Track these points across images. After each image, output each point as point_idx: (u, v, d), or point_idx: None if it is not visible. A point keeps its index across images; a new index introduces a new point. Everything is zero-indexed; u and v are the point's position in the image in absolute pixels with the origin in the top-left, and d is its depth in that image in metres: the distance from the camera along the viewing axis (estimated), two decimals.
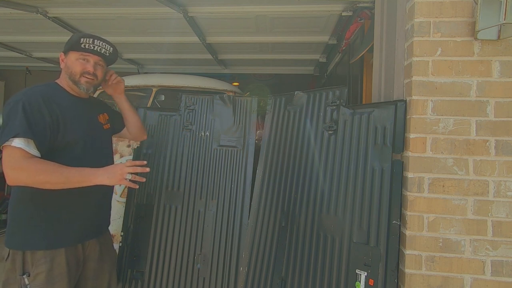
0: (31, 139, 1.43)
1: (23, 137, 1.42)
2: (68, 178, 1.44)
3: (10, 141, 1.41)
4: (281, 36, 3.94)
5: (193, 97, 2.56)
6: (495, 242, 1.66)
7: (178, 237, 2.30)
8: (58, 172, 1.43)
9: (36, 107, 1.49)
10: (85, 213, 1.66)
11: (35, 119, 1.47)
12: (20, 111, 1.44)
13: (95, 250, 1.72)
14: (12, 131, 1.41)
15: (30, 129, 1.44)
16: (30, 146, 1.43)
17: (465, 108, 1.69)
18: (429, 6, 1.71)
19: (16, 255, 1.52)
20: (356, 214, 1.87)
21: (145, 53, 4.98)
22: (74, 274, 1.61)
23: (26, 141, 1.42)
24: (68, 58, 1.68)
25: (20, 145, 1.41)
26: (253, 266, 2.16)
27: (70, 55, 1.67)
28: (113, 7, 3.12)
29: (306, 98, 2.25)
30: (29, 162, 1.41)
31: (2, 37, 4.25)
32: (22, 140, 1.42)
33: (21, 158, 1.41)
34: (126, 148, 2.93)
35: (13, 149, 1.41)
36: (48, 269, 1.51)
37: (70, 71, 1.66)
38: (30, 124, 1.44)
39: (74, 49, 1.66)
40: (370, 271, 1.77)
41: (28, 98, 1.50)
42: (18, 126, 1.42)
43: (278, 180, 2.24)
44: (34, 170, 1.40)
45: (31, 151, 1.43)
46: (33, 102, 1.49)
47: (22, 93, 1.52)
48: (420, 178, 1.71)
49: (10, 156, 1.41)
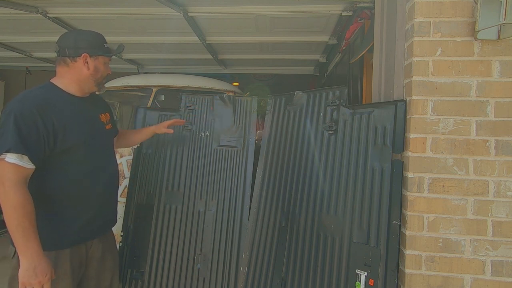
0: (24, 154, 1.41)
1: (15, 152, 1.39)
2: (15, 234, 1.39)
3: (4, 155, 1.39)
4: (281, 36, 3.94)
5: (193, 97, 2.56)
6: (495, 242, 1.66)
7: (178, 237, 2.30)
8: (17, 221, 1.38)
9: (30, 118, 1.45)
10: (89, 213, 1.64)
11: (28, 132, 1.43)
12: (12, 124, 1.41)
13: (98, 249, 1.72)
14: (4, 145, 1.39)
15: (22, 143, 1.41)
16: (23, 161, 1.41)
17: (465, 108, 1.69)
18: (429, 6, 1.71)
19: None
20: (356, 214, 1.87)
21: (145, 53, 4.98)
22: (77, 274, 1.61)
23: (20, 156, 1.40)
24: (99, 62, 1.66)
25: (14, 161, 1.39)
26: (253, 266, 2.16)
27: (101, 59, 1.66)
28: (113, 7, 3.12)
29: (306, 98, 2.25)
30: (16, 194, 1.38)
31: (2, 37, 4.25)
32: (14, 155, 1.39)
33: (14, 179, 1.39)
34: (126, 148, 2.93)
35: (7, 165, 1.39)
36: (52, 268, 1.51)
37: (100, 74, 1.67)
38: (22, 138, 1.41)
39: (105, 54, 1.67)
40: (370, 271, 1.77)
41: (20, 109, 1.45)
42: (11, 140, 1.39)
43: (278, 180, 2.24)
44: (12, 202, 1.38)
45: (25, 165, 1.41)
46: (26, 113, 1.45)
47: (17, 101, 1.48)
48: (420, 178, 1.71)
49: (5, 171, 1.39)
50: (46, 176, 1.52)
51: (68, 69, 1.63)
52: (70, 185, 1.58)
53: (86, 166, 1.63)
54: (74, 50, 1.61)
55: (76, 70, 1.63)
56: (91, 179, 1.66)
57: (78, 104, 1.65)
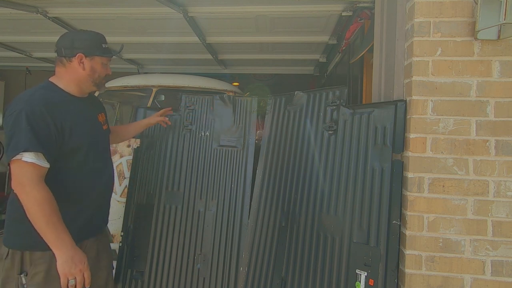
0: (40, 152, 1.41)
1: (33, 151, 1.40)
2: (46, 231, 1.41)
3: (20, 155, 1.39)
4: (281, 36, 3.94)
5: (193, 97, 2.56)
6: (495, 242, 1.66)
7: (178, 237, 2.30)
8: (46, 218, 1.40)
9: (40, 117, 1.45)
10: (83, 214, 1.64)
11: (41, 130, 1.44)
12: (25, 123, 1.41)
13: (93, 249, 1.71)
14: (21, 145, 1.39)
15: (38, 141, 1.41)
16: (40, 160, 1.41)
17: (465, 108, 1.69)
18: (429, 6, 1.71)
19: (15, 254, 1.51)
20: (356, 214, 1.87)
21: (145, 53, 4.98)
22: None
23: (36, 154, 1.40)
24: (95, 62, 1.64)
25: (32, 160, 1.39)
26: (253, 266, 2.16)
27: (97, 59, 1.64)
28: (113, 7, 3.12)
29: (306, 98, 2.25)
30: (39, 191, 1.40)
31: (2, 37, 4.24)
32: (32, 154, 1.40)
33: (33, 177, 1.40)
34: (126, 148, 2.93)
35: (25, 164, 1.39)
36: (46, 269, 1.50)
37: (97, 75, 1.65)
38: (37, 137, 1.42)
39: (101, 54, 1.65)
40: (370, 271, 1.77)
41: (31, 107, 1.45)
42: (26, 139, 1.39)
43: (278, 180, 2.24)
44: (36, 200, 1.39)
45: (41, 164, 1.42)
46: (36, 111, 1.45)
47: (24, 102, 1.48)
48: (420, 178, 1.71)
49: (23, 171, 1.39)
50: (48, 176, 1.51)
51: (65, 69, 1.63)
52: (72, 185, 1.59)
53: (87, 166, 1.63)
54: (70, 50, 1.61)
55: (72, 70, 1.63)
56: (91, 179, 1.66)
57: (78, 105, 1.65)
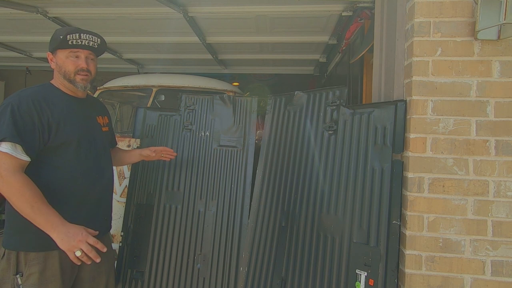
0: (18, 144, 1.42)
1: (10, 141, 1.40)
2: (34, 216, 1.41)
3: None
4: (281, 36, 3.94)
5: (193, 97, 2.56)
6: (495, 242, 1.66)
7: (178, 237, 2.30)
8: (30, 204, 1.40)
9: (25, 110, 1.47)
10: (80, 216, 1.60)
11: (25, 124, 1.45)
12: (8, 115, 1.43)
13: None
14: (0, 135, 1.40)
15: (18, 133, 1.42)
16: (17, 151, 1.42)
17: (465, 108, 1.69)
18: (429, 6, 1.71)
19: (10, 254, 1.51)
20: (356, 214, 1.87)
21: (145, 53, 4.99)
22: (68, 276, 1.59)
23: (13, 145, 1.41)
24: (58, 57, 1.63)
25: (7, 150, 1.40)
26: (253, 266, 2.16)
27: (59, 53, 1.62)
28: (113, 7, 3.12)
29: (306, 98, 2.25)
30: (17, 178, 1.39)
31: (2, 37, 4.25)
32: (9, 145, 1.40)
33: (10, 167, 1.39)
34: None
35: (1, 154, 1.40)
36: (41, 270, 1.50)
37: (64, 70, 1.62)
38: (17, 129, 1.42)
39: (62, 47, 1.60)
40: (370, 271, 1.77)
41: (17, 101, 1.48)
42: (5, 130, 1.41)
43: (278, 180, 2.24)
44: (16, 188, 1.39)
45: (19, 156, 1.42)
46: (22, 105, 1.47)
47: (14, 96, 1.51)
48: (420, 178, 1.71)
49: (0, 162, 1.39)
50: (37, 172, 1.51)
51: None
52: (62, 184, 1.57)
53: (79, 165, 1.62)
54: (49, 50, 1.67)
55: (54, 69, 1.67)
56: (84, 179, 1.63)
57: (72, 103, 1.66)
